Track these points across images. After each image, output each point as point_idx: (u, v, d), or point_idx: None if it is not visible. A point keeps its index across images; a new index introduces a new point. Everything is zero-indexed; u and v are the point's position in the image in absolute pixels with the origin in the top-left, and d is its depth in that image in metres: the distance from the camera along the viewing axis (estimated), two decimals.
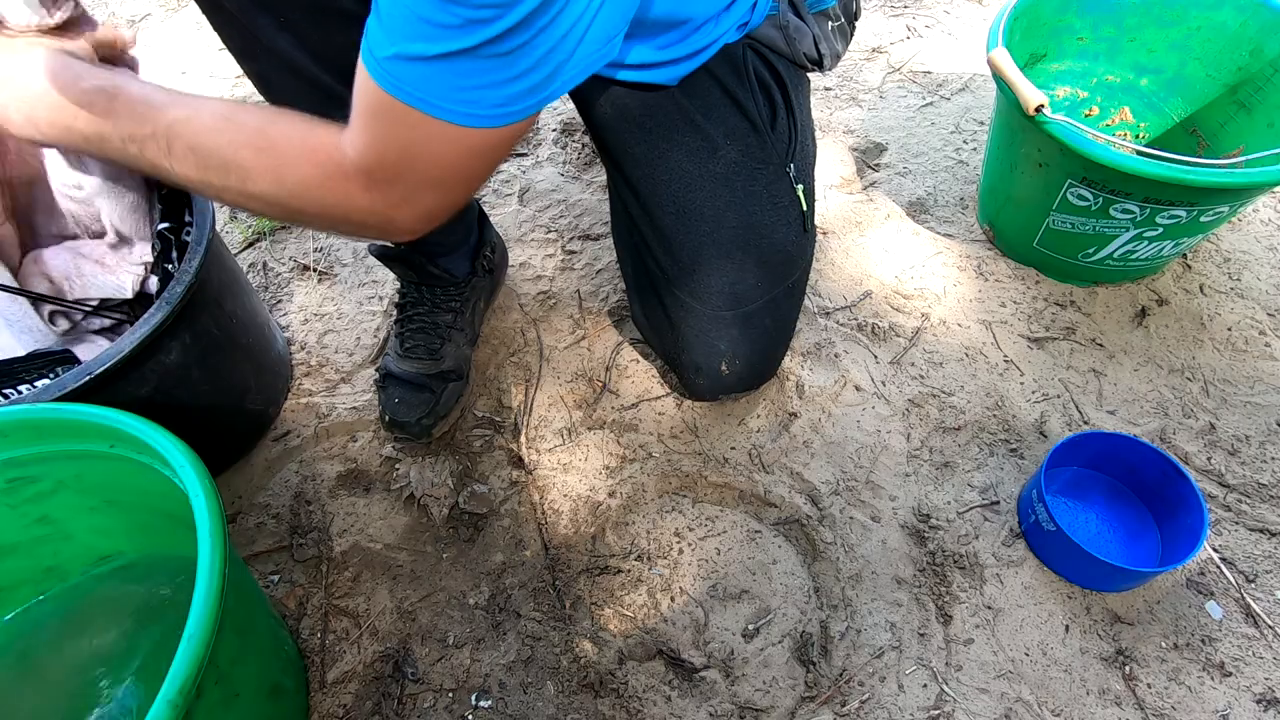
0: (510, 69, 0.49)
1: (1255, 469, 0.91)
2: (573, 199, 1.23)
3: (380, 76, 0.49)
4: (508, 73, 0.49)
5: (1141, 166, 0.85)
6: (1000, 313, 1.07)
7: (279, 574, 0.86)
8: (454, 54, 0.47)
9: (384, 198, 0.56)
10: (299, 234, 1.21)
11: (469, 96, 0.49)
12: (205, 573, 0.52)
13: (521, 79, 0.50)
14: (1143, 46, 1.15)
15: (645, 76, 0.73)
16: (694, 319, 0.84)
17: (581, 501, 0.91)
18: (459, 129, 0.51)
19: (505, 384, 1.01)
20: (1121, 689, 0.77)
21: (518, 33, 0.46)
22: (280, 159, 0.56)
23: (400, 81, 0.49)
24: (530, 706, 0.77)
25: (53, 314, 0.80)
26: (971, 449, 0.94)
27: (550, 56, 0.50)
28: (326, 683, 0.78)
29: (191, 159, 0.58)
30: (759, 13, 0.76)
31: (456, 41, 0.46)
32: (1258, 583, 0.83)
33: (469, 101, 0.49)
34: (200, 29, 1.62)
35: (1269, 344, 1.03)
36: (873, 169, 1.28)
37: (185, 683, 0.47)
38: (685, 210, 0.79)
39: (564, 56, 0.51)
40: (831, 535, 0.87)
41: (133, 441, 0.63)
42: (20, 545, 0.75)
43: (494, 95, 0.50)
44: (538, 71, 0.50)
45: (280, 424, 0.98)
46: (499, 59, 0.48)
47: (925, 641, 0.80)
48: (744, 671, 0.79)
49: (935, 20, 1.56)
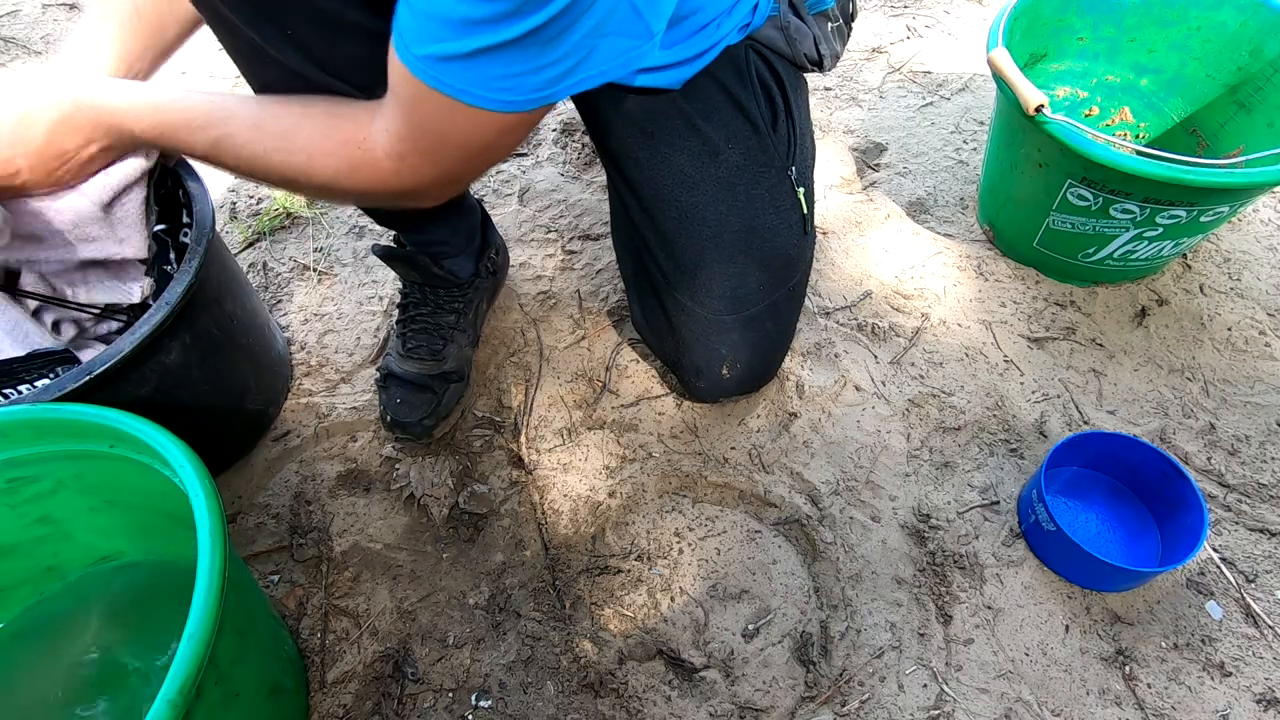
0: (548, 55, 0.51)
1: (1255, 469, 0.91)
2: (573, 199, 1.23)
3: (419, 71, 0.51)
4: (546, 59, 0.51)
5: (1141, 166, 0.85)
6: (1000, 313, 1.07)
7: (279, 574, 0.86)
8: (492, 48, 0.48)
9: (414, 175, 0.59)
10: (299, 234, 1.21)
11: (507, 84, 0.51)
12: (205, 573, 0.52)
13: (558, 64, 0.52)
14: (1143, 46, 1.15)
15: (649, 81, 0.73)
16: (695, 322, 0.84)
17: (581, 501, 0.91)
18: (494, 114, 0.53)
19: (505, 384, 1.02)
20: (1121, 689, 0.77)
21: (559, 20, 0.48)
22: (309, 159, 0.61)
23: (440, 75, 0.51)
24: (530, 706, 0.77)
25: (57, 322, 0.80)
26: (971, 449, 0.94)
27: (586, 41, 0.52)
28: (326, 683, 0.78)
29: (239, 170, 0.66)
30: (760, 14, 0.76)
31: (494, 36, 0.48)
32: (1258, 583, 0.83)
33: (506, 89, 0.52)
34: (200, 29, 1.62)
35: (1269, 344, 1.03)
36: (873, 169, 1.28)
37: (185, 683, 0.47)
38: (687, 214, 0.79)
39: (598, 39, 0.53)
40: (831, 535, 0.87)
41: (133, 441, 0.63)
42: (20, 545, 0.75)
43: (531, 81, 0.52)
44: (574, 55, 0.52)
45: (280, 424, 0.98)
46: (539, 47, 0.49)
47: (925, 641, 0.80)
48: (744, 671, 0.79)
49: (935, 20, 1.56)
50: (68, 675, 0.74)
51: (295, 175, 0.63)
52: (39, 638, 0.77)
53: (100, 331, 0.82)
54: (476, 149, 0.58)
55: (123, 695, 0.73)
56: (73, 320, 0.80)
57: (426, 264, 0.92)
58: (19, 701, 0.73)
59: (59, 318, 0.79)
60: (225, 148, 0.64)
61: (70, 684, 0.73)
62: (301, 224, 1.22)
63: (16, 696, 0.73)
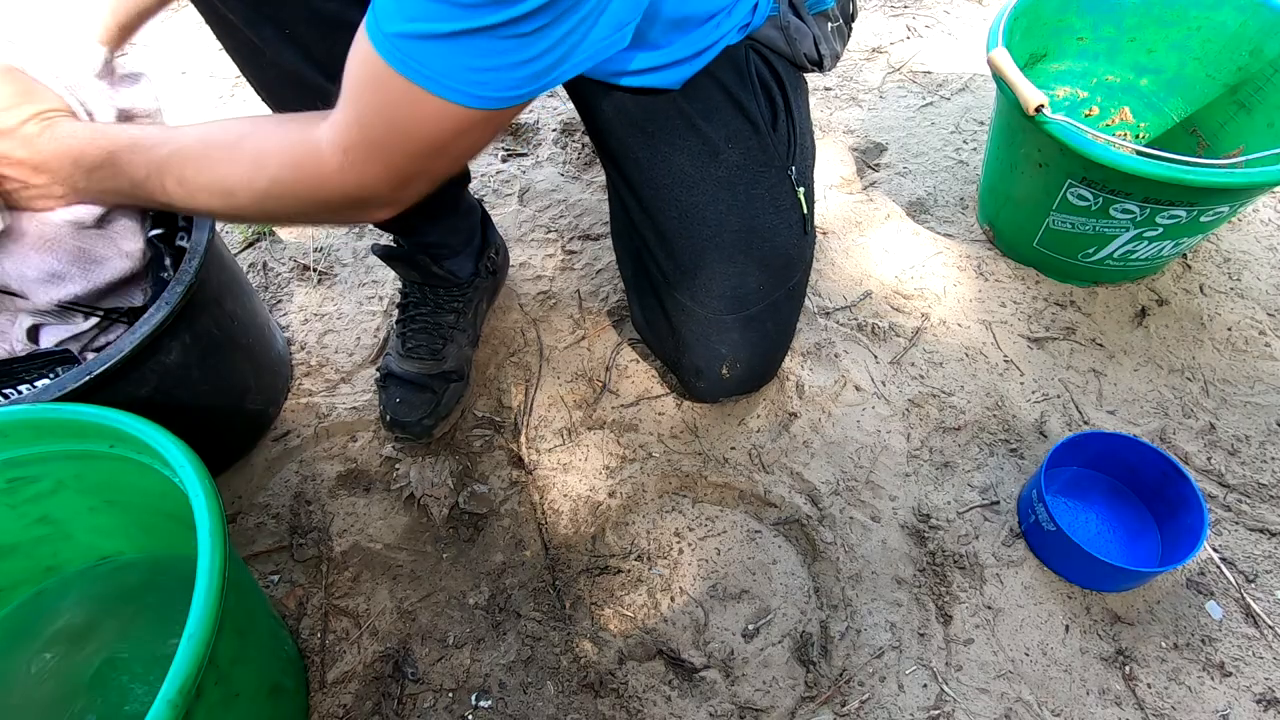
0: (526, 51, 0.48)
1: (1255, 469, 0.91)
2: (573, 199, 1.23)
3: (387, 51, 0.47)
4: (523, 55, 0.48)
5: (1141, 166, 0.85)
6: (1000, 313, 1.07)
7: (279, 574, 0.86)
8: (472, 31, 0.45)
9: (359, 174, 0.54)
10: (299, 234, 1.21)
11: (480, 78, 0.48)
12: (205, 573, 0.52)
13: (535, 62, 0.49)
14: (1143, 46, 1.15)
15: (648, 81, 0.73)
16: (695, 322, 0.84)
17: (581, 501, 0.91)
18: (459, 108, 0.49)
19: (505, 384, 1.02)
20: (1121, 689, 0.77)
21: (541, 14, 0.45)
22: (252, 164, 0.57)
23: (408, 57, 0.47)
24: (530, 706, 0.77)
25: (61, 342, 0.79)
26: (971, 449, 0.94)
27: (566, 40, 0.49)
28: (326, 683, 0.78)
29: (182, 190, 0.61)
30: (760, 14, 0.76)
31: (477, 19, 0.44)
32: (1258, 583, 0.83)
33: (479, 83, 0.48)
34: (200, 29, 1.62)
35: (1269, 344, 1.03)
36: (873, 169, 1.28)
37: (185, 683, 0.47)
38: (687, 214, 0.79)
39: (579, 39, 0.50)
40: (831, 535, 0.87)
41: (133, 441, 0.63)
42: (20, 545, 0.75)
43: (506, 77, 0.49)
44: (551, 54, 0.49)
45: (280, 424, 0.98)
46: (518, 40, 0.47)
47: (925, 641, 0.80)
48: (744, 671, 0.79)
49: (935, 20, 1.56)
50: (67, 675, 0.74)
51: (237, 184, 0.58)
52: (39, 637, 0.77)
53: (100, 343, 0.82)
54: (429, 146, 0.53)
55: (122, 695, 0.73)
56: (73, 338, 0.79)
57: (426, 264, 0.92)
58: (17, 701, 0.73)
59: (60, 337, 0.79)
60: (170, 168, 0.60)
61: (69, 684, 0.73)
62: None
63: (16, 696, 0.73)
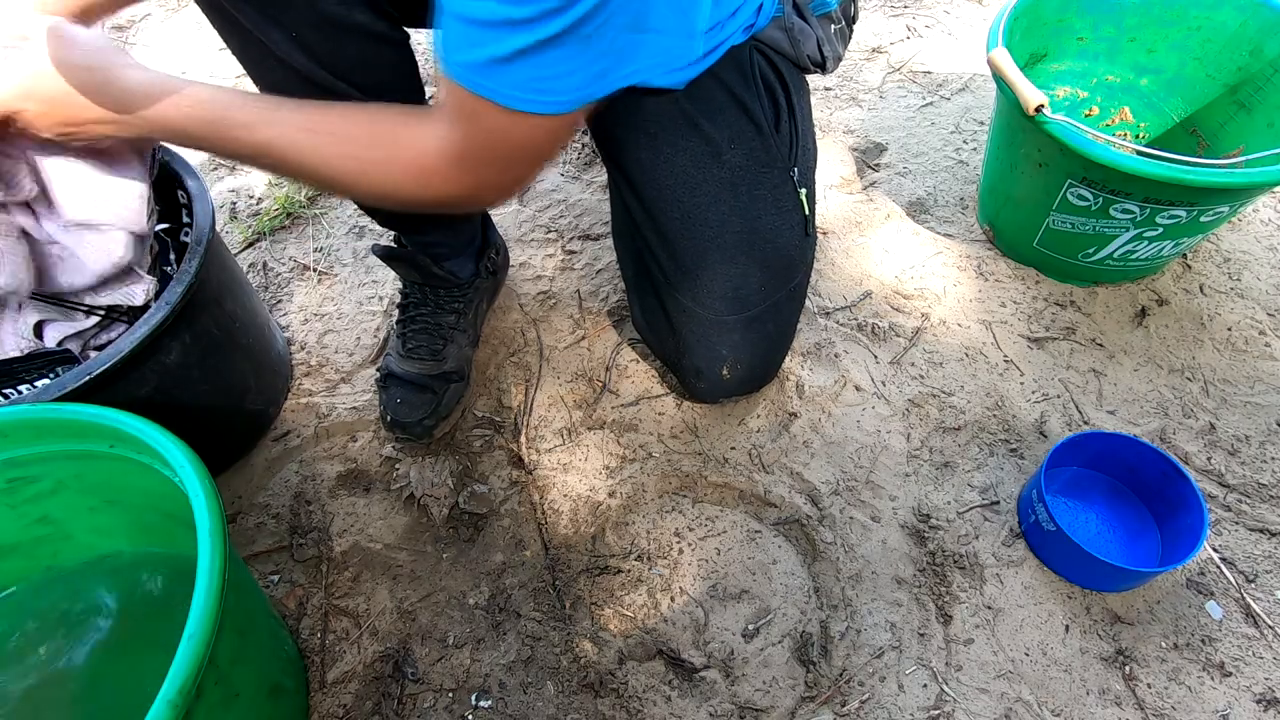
0: (587, 53, 0.52)
1: (1255, 469, 0.91)
2: (573, 199, 1.23)
3: (462, 78, 0.53)
4: (584, 56, 0.52)
5: (1141, 166, 0.85)
6: (1000, 313, 1.07)
7: (279, 574, 0.86)
8: (534, 47, 0.50)
9: (473, 181, 0.61)
10: (299, 234, 1.21)
11: (546, 85, 0.53)
12: (205, 573, 0.52)
13: (597, 60, 0.53)
14: (1143, 46, 1.15)
15: (652, 80, 0.73)
16: (696, 323, 0.84)
17: (581, 501, 0.91)
18: (536, 117, 0.55)
19: (505, 384, 1.01)
20: (1121, 689, 0.77)
21: (595, 16, 0.49)
22: (369, 167, 0.61)
23: (483, 81, 0.52)
24: (530, 706, 0.77)
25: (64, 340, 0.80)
26: (971, 449, 0.94)
27: (623, 37, 0.53)
28: (326, 683, 0.78)
29: (288, 174, 0.65)
30: (765, 15, 0.76)
31: (535, 34, 0.49)
32: (1258, 583, 0.83)
33: (546, 90, 0.53)
34: (200, 29, 1.62)
35: (1269, 344, 1.03)
36: (873, 169, 1.28)
37: (185, 683, 0.47)
38: (689, 214, 0.79)
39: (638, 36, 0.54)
40: (831, 535, 0.87)
41: (133, 441, 0.63)
42: (20, 545, 0.75)
43: (568, 82, 0.54)
44: (612, 53, 0.53)
45: (280, 424, 0.98)
46: (578, 44, 0.51)
47: (925, 641, 0.80)
48: (744, 671, 0.79)
49: (935, 20, 1.56)
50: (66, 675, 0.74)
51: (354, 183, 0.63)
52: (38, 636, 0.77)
53: (101, 341, 0.82)
54: (531, 154, 0.60)
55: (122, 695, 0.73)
56: (75, 335, 0.79)
57: (427, 264, 0.92)
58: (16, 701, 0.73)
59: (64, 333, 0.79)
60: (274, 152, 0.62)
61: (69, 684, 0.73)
62: (301, 224, 1.22)
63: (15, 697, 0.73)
